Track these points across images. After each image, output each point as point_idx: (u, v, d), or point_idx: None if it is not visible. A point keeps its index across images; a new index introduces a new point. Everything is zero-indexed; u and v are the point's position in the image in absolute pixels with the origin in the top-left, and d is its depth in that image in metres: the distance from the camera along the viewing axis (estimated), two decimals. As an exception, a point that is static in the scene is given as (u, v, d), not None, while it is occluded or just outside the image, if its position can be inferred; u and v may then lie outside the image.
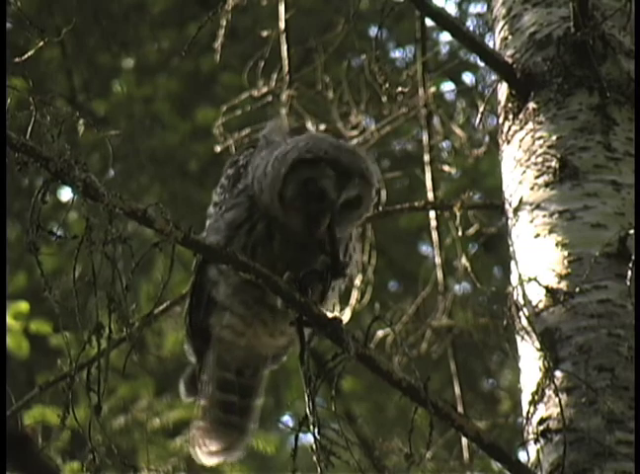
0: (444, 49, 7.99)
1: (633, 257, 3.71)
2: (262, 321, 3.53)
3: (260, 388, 3.66)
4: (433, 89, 5.82)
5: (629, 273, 3.70)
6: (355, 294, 5.60)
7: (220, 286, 3.50)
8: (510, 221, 4.00)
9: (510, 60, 4.13)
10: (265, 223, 3.46)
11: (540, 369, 3.69)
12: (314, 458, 3.27)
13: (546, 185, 3.93)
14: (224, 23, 5.35)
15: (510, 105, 4.12)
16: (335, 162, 3.43)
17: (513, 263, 3.94)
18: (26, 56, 3.86)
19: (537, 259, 3.85)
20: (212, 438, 3.63)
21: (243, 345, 3.58)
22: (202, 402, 3.64)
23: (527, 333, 3.75)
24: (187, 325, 3.64)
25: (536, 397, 3.68)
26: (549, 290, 3.77)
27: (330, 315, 3.38)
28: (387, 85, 4.39)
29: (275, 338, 3.59)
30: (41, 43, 3.81)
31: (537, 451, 3.63)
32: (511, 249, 3.97)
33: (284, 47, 5.68)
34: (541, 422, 3.65)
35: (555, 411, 3.61)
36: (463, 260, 5.45)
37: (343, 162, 3.44)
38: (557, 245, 3.83)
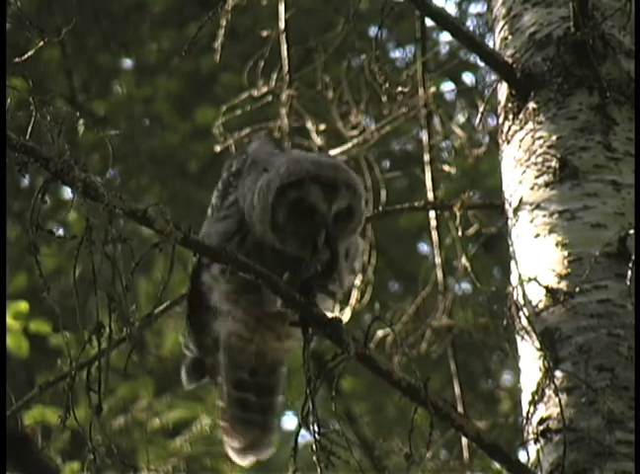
0: (444, 49, 8.00)
1: (633, 257, 3.71)
2: (266, 326, 3.53)
3: (279, 386, 3.65)
4: (433, 89, 5.81)
5: (629, 273, 3.70)
6: (355, 294, 5.60)
7: (214, 293, 3.51)
8: (510, 221, 4.00)
9: (510, 60, 4.13)
10: (254, 238, 3.45)
11: (540, 369, 3.69)
12: (314, 458, 3.27)
13: (546, 185, 3.93)
14: (224, 23, 5.34)
15: (510, 105, 4.11)
16: (318, 177, 3.40)
17: (513, 263, 3.94)
18: (26, 56, 3.85)
19: (537, 259, 3.85)
20: (233, 436, 3.64)
21: (253, 350, 3.59)
22: (221, 403, 3.64)
23: (527, 333, 3.75)
24: (187, 326, 3.65)
25: (536, 397, 3.68)
26: (549, 290, 3.77)
27: (330, 315, 3.38)
28: (387, 85, 4.39)
29: (281, 341, 3.58)
30: (41, 43, 3.80)
31: (537, 451, 3.64)
32: (511, 249, 3.97)
33: (284, 47, 5.68)
34: (541, 422, 3.65)
35: (555, 411, 3.61)
36: (463, 260, 5.45)
37: (326, 176, 3.42)
38: (557, 245, 3.83)
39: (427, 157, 5.79)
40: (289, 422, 8.17)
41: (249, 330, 3.54)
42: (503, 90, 4.17)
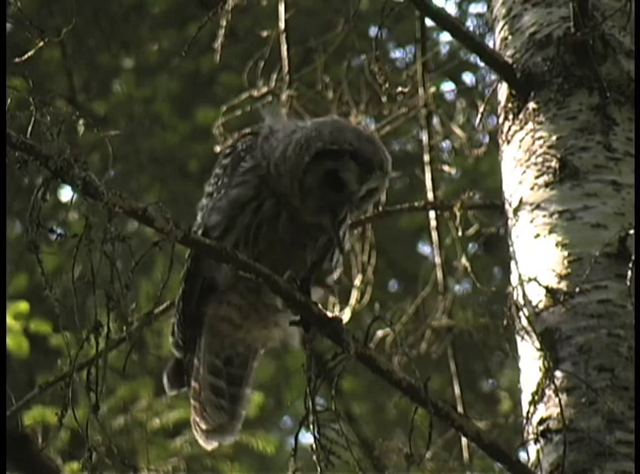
0: (444, 49, 7.99)
1: (633, 257, 3.71)
2: (257, 312, 3.54)
3: (249, 378, 3.68)
4: (433, 89, 5.82)
5: (629, 273, 3.70)
6: (355, 294, 5.60)
7: (223, 268, 3.50)
8: (510, 221, 4.00)
9: (510, 60, 4.13)
10: (273, 201, 3.46)
11: (540, 369, 3.69)
12: (314, 458, 3.27)
13: (546, 185, 3.93)
14: (224, 23, 5.34)
15: (510, 105, 4.11)
16: (358, 155, 3.44)
17: (513, 263, 3.94)
18: (26, 56, 3.86)
19: (537, 259, 3.85)
20: (204, 417, 3.65)
21: (240, 337, 3.60)
22: (194, 384, 3.65)
23: (527, 333, 3.75)
24: (179, 313, 3.65)
25: (536, 397, 3.68)
26: (549, 290, 3.77)
27: (330, 315, 3.38)
28: (387, 85, 4.39)
29: (269, 329, 3.60)
30: (41, 43, 3.80)
31: (537, 451, 3.63)
32: (511, 249, 3.97)
33: (284, 47, 5.68)
34: (541, 422, 3.65)
35: (555, 411, 3.61)
36: (463, 260, 5.45)
37: (366, 155, 3.45)
38: (557, 245, 3.83)
39: (427, 157, 5.79)
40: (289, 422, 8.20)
41: (242, 315, 3.55)
42: (503, 90, 4.17)
